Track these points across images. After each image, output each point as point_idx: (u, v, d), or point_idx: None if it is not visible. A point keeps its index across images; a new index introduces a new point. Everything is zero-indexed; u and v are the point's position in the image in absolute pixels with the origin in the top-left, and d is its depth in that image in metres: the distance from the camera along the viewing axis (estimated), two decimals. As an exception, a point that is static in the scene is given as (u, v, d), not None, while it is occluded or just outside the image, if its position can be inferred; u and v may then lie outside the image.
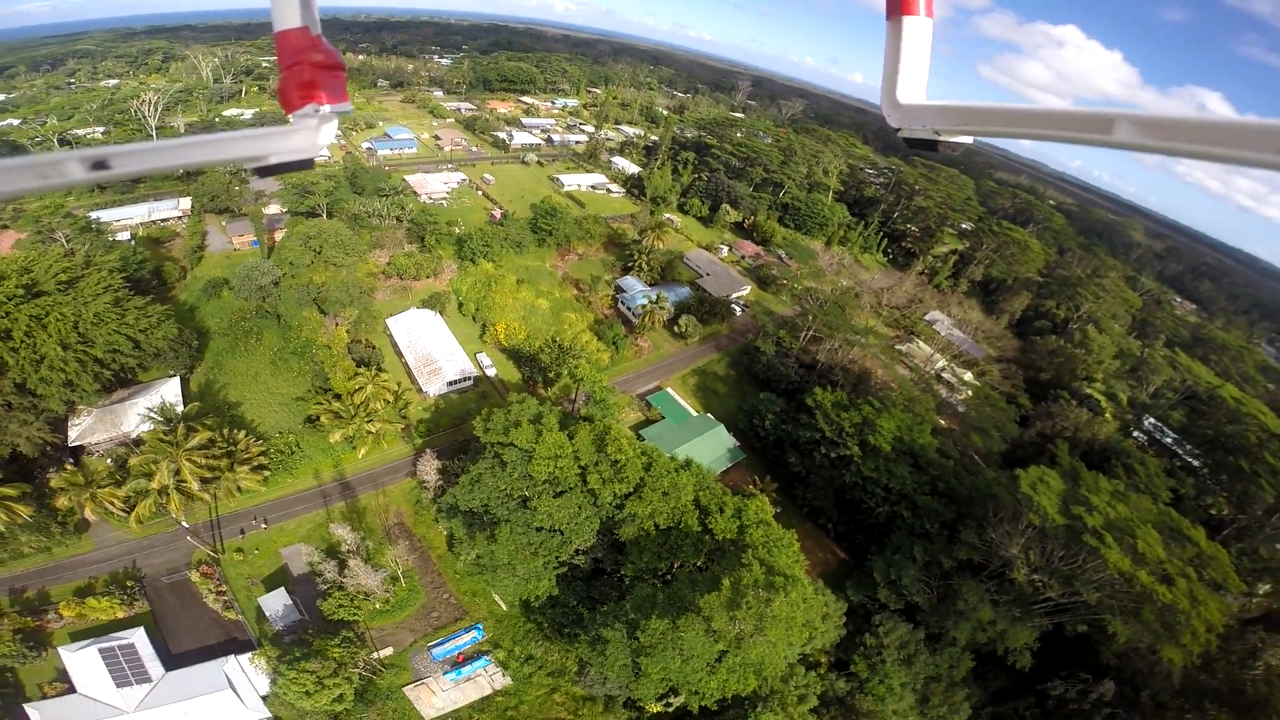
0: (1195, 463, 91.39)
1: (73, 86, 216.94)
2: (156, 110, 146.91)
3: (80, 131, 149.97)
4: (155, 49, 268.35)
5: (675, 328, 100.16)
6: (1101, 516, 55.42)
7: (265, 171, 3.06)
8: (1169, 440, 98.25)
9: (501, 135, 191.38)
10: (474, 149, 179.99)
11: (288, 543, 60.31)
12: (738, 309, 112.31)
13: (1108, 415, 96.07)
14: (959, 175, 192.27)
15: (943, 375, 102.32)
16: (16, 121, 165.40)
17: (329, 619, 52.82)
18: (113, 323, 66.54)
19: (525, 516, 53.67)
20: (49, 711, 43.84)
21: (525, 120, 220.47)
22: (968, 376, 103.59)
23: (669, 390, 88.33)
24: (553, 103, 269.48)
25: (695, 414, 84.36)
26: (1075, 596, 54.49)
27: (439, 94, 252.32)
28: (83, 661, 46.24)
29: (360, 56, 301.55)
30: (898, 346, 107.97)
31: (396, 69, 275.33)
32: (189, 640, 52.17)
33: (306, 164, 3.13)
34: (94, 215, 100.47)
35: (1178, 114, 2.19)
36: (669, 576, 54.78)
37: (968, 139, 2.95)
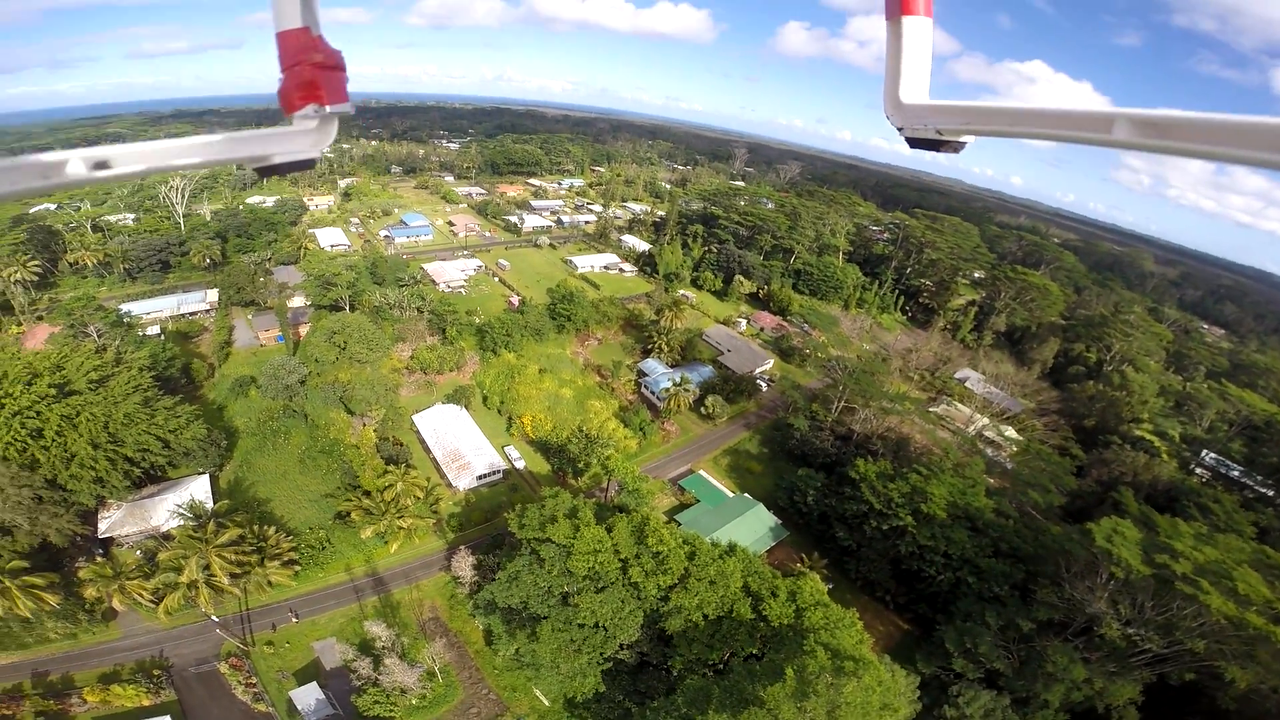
0: (1270, 493, 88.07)
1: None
2: (184, 197, 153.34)
3: (112, 218, 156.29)
4: (181, 133, 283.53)
5: (702, 409, 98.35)
6: (1190, 562, 52.82)
7: (266, 171, 3.03)
8: (1235, 473, 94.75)
9: (513, 219, 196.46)
10: (487, 234, 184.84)
11: (319, 636, 59.30)
12: (763, 384, 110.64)
13: (1164, 455, 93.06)
14: (962, 223, 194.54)
15: (985, 434, 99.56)
16: (53, 206, 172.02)
17: (364, 715, 51.38)
18: (142, 423, 67.25)
19: (567, 613, 52.29)
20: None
21: (534, 203, 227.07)
22: (1009, 432, 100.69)
23: (701, 473, 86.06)
24: (559, 183, 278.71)
25: (731, 495, 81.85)
26: (1178, 645, 51.43)
27: (450, 179, 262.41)
28: (107, 748, 44.74)
29: (374, 143, 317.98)
30: (932, 409, 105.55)
31: (408, 154, 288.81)
32: (217, 731, 50.94)
33: (307, 164, 3.09)
34: (125, 308, 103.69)
35: (1176, 113, 2.07)
36: (722, 667, 52.16)
37: (970, 138, 2.92)
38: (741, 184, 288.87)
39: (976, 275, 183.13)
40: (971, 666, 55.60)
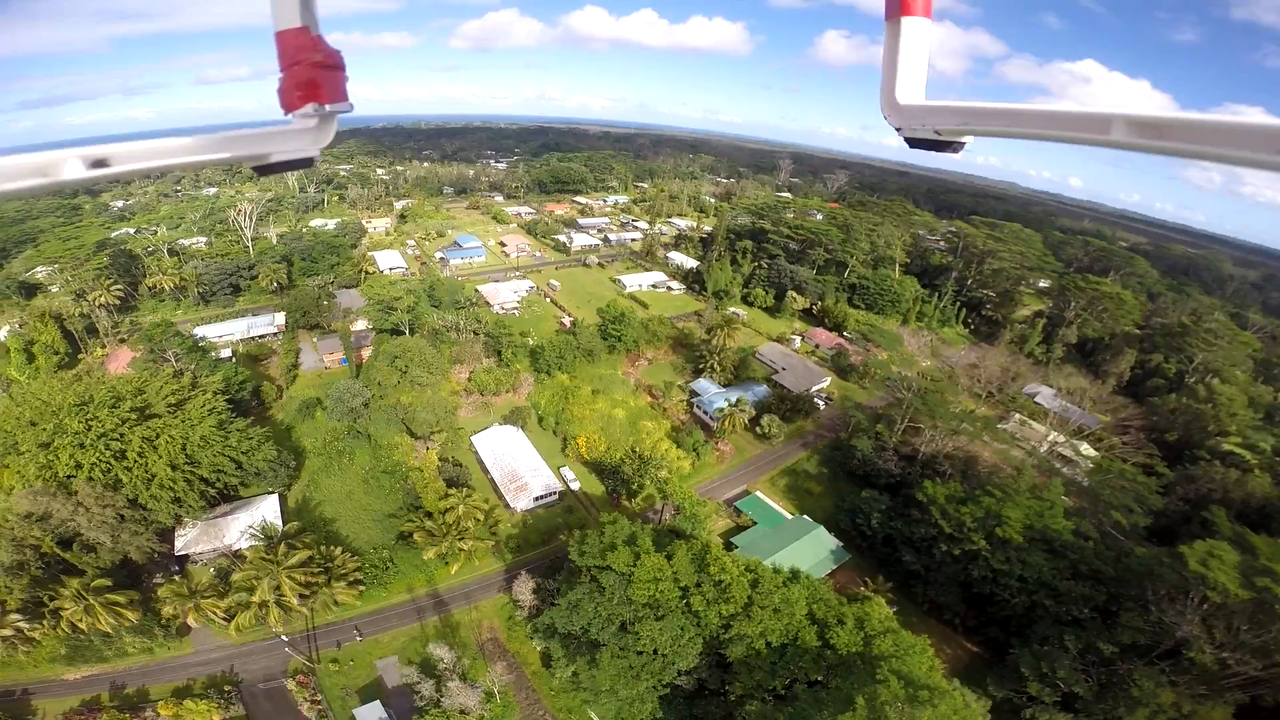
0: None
1: (179, 194, 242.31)
2: (251, 220, 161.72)
3: (186, 242, 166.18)
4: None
5: (757, 428, 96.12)
6: (1294, 585, 49.47)
7: (265, 170, 3.00)
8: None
9: (561, 238, 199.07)
10: (538, 254, 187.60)
11: (382, 654, 60.55)
12: (821, 403, 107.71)
13: (1256, 470, 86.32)
14: (1023, 230, 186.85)
15: (1058, 450, 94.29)
16: (132, 230, 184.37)
17: (425, 736, 51.81)
18: (217, 445, 70.23)
19: (626, 640, 52.04)
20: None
21: (581, 221, 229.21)
22: (1085, 449, 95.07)
23: (758, 494, 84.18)
24: (604, 200, 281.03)
25: (790, 517, 79.55)
26: (1276, 668, 48.63)
27: (499, 199, 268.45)
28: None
29: (426, 165, 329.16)
30: (1001, 426, 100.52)
31: (459, 175, 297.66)
32: (284, 748, 52.31)
33: (306, 163, 3.05)
34: (199, 332, 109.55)
35: (1174, 114, 2.08)
36: (784, 694, 50.63)
37: (968, 138, 2.93)
38: (788, 195, 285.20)
39: (1042, 284, 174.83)
40: (1047, 690, 53.82)
